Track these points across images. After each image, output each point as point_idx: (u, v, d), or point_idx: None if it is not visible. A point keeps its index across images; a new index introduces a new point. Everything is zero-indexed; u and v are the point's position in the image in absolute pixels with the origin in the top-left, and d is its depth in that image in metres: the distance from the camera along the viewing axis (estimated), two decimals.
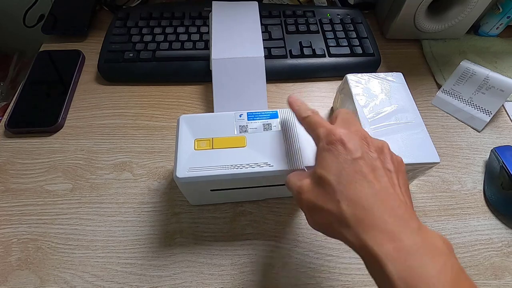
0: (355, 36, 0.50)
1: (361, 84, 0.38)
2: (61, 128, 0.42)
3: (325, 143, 0.24)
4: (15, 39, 0.78)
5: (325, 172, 0.23)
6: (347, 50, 0.48)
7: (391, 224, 0.20)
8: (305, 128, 0.27)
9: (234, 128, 0.32)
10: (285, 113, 0.33)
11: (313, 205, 0.23)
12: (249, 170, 0.29)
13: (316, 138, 0.25)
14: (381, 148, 0.24)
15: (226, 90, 0.42)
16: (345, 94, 0.39)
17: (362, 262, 0.21)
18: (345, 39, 0.49)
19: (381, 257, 0.19)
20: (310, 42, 0.49)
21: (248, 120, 0.33)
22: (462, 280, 0.19)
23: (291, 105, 0.29)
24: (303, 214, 0.37)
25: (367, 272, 0.21)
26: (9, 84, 0.78)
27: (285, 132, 0.32)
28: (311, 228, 0.25)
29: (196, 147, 0.31)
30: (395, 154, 0.25)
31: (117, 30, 0.49)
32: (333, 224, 0.22)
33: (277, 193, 0.36)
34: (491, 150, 0.40)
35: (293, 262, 0.33)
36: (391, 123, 0.35)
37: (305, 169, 0.29)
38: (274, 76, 0.46)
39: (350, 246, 0.21)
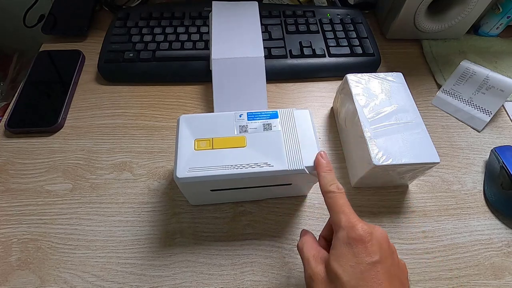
0: (355, 36, 0.50)
1: (361, 84, 0.38)
2: (61, 128, 0.42)
3: (346, 236, 0.23)
4: (15, 39, 0.78)
5: (341, 270, 0.22)
6: (347, 50, 0.48)
7: None
8: (325, 202, 0.27)
9: (234, 128, 0.32)
10: (285, 113, 0.33)
11: None
12: (249, 170, 0.29)
13: (337, 224, 0.25)
14: (393, 251, 0.24)
15: (226, 90, 0.42)
16: (345, 94, 0.39)
17: None
18: (345, 39, 0.49)
19: None
20: (310, 42, 0.49)
21: (248, 120, 0.32)
22: None
23: (317, 165, 0.29)
24: (303, 214, 0.37)
25: None
26: (9, 84, 0.78)
27: (285, 132, 0.32)
28: (311, 228, 0.25)
29: (196, 147, 0.30)
30: (400, 259, 0.25)
31: (117, 30, 0.49)
32: None
33: (277, 193, 0.36)
34: (491, 150, 0.40)
35: (293, 262, 0.33)
36: (391, 123, 0.35)
37: (305, 169, 0.29)
38: (274, 76, 0.46)
39: None
